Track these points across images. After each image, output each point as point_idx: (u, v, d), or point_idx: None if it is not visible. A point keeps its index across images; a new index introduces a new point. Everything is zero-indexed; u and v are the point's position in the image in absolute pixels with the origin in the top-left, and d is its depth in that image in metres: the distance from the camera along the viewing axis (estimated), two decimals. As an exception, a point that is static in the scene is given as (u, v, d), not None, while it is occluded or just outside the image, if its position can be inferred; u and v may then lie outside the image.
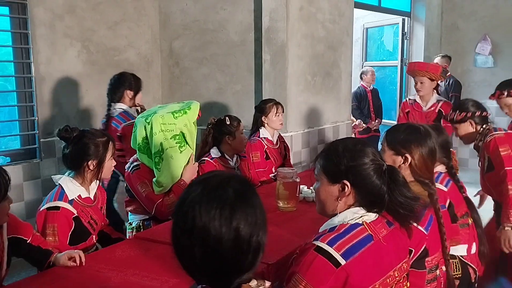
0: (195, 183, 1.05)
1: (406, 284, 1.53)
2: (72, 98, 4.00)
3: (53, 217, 2.07)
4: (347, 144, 1.48)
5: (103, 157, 2.18)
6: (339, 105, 4.95)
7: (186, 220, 0.99)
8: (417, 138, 1.93)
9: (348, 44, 4.97)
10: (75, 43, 3.98)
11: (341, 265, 1.34)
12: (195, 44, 4.61)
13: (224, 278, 1.00)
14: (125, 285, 1.72)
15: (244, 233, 0.99)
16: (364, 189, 1.44)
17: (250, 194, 1.05)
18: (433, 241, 1.86)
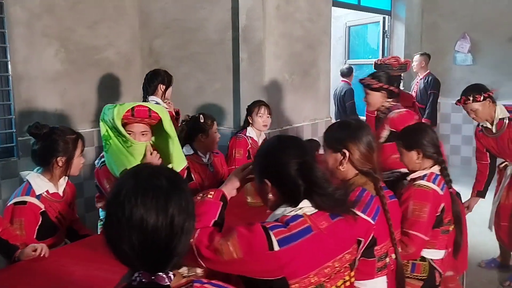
0: (128, 175, 1.10)
1: (349, 274, 1.59)
2: (50, 97, 4.02)
3: (20, 211, 2.12)
4: (272, 145, 1.63)
5: (72, 154, 2.23)
6: (318, 103, 5.02)
7: (123, 212, 1.04)
8: (350, 132, 2.00)
9: (327, 43, 5.03)
10: (54, 42, 4.01)
11: (274, 250, 1.41)
12: (175, 43, 4.66)
13: (160, 263, 1.06)
14: (87, 279, 1.77)
15: (178, 220, 1.06)
16: (283, 187, 1.55)
17: (180, 181, 1.12)
18: (381, 230, 1.93)
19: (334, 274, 1.52)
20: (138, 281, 1.04)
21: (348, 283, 1.59)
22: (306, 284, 1.45)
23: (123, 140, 2.57)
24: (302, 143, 1.63)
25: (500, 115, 3.33)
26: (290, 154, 1.55)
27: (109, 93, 4.49)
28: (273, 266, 1.42)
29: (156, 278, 1.04)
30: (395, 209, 2.10)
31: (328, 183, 1.54)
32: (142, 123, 2.67)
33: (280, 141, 1.65)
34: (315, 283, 1.47)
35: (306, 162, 1.53)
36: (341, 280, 1.55)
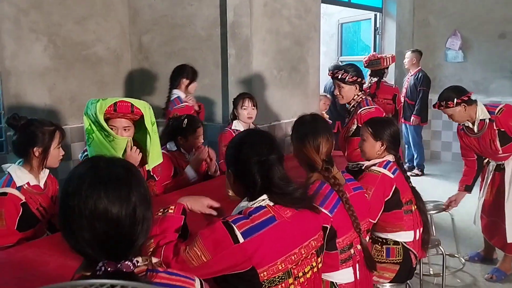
0: (85, 167, 1.11)
1: (316, 260, 1.64)
2: (39, 92, 4.05)
3: (1, 202, 2.16)
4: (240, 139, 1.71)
5: (48, 144, 2.25)
6: (307, 98, 5.05)
7: (86, 205, 1.04)
8: (297, 129, 2.14)
9: (316, 39, 5.06)
10: (42, 38, 4.04)
11: (239, 242, 1.46)
12: (163, 39, 4.69)
13: (122, 252, 1.07)
14: (62, 269, 1.80)
15: (140, 208, 1.08)
16: (243, 181, 1.62)
17: (136, 171, 1.14)
18: (343, 222, 1.97)
19: (301, 261, 1.57)
20: (103, 270, 1.05)
21: (316, 269, 1.64)
22: (274, 271, 1.50)
23: (105, 135, 2.61)
24: (270, 140, 1.67)
25: (481, 116, 3.35)
26: (253, 151, 1.60)
27: (98, 88, 4.52)
28: (241, 258, 1.47)
29: (122, 266, 1.05)
30: (361, 200, 2.14)
31: (287, 183, 1.60)
32: (124, 118, 2.71)
33: (247, 136, 1.72)
34: (283, 270, 1.52)
35: (267, 161, 1.58)
36: (308, 266, 1.60)
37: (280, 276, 1.52)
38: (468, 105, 3.31)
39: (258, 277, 1.48)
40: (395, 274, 2.48)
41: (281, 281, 1.52)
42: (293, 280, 1.55)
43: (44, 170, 2.35)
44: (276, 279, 1.51)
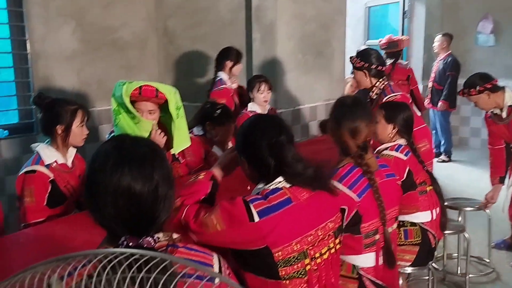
0: (111, 146, 1.15)
1: (333, 241, 1.65)
2: (67, 75, 4.14)
3: (30, 179, 2.24)
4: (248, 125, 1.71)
5: (70, 122, 2.32)
6: (332, 83, 5.01)
7: (111, 180, 1.09)
8: (336, 110, 2.11)
9: (341, 23, 5.00)
10: (70, 21, 4.11)
11: (255, 221, 1.49)
12: (188, 23, 4.71)
13: (144, 228, 1.11)
14: (89, 245, 1.85)
15: (162, 187, 1.12)
16: (257, 166, 1.64)
17: (160, 150, 1.18)
18: (371, 207, 1.97)
19: (318, 242, 1.59)
20: (125, 245, 1.09)
21: (333, 250, 1.65)
22: (289, 252, 1.53)
23: (131, 117, 2.67)
24: (278, 123, 1.69)
25: (509, 102, 3.28)
26: (263, 135, 1.62)
27: (124, 72, 4.58)
28: (255, 236, 1.50)
29: (143, 242, 1.09)
30: (393, 187, 2.13)
31: (298, 162, 1.61)
32: (149, 102, 2.76)
33: (255, 121, 1.73)
34: (298, 250, 1.54)
35: (277, 142, 1.60)
36: (325, 247, 1.62)
37: (296, 256, 1.54)
38: (492, 92, 3.24)
39: (273, 256, 1.51)
40: (416, 256, 2.48)
41: (297, 261, 1.54)
42: (310, 260, 1.56)
43: (71, 149, 2.41)
44: (291, 259, 1.53)
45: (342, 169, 1.99)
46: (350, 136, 2.01)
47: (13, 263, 1.75)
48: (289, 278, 1.53)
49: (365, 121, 2.03)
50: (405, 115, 2.59)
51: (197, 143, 3.09)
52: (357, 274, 2.00)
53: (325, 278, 1.61)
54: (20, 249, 1.87)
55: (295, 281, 1.55)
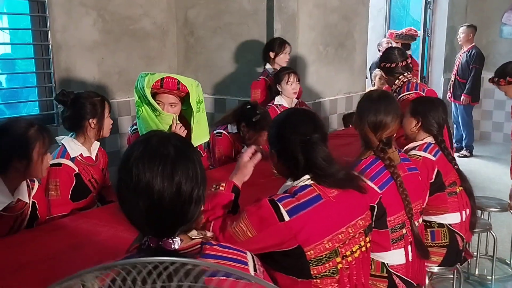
0: (138, 142, 1.12)
1: (364, 240, 1.62)
2: (88, 66, 4.14)
3: (55, 172, 2.23)
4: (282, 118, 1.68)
5: (101, 114, 2.32)
6: (353, 76, 4.93)
7: (130, 177, 1.06)
8: (361, 103, 2.07)
9: (364, 14, 4.91)
10: (91, 12, 4.09)
11: (285, 220, 1.46)
12: (209, 13, 4.66)
13: (167, 229, 1.08)
14: (113, 240, 1.85)
15: (185, 188, 1.07)
16: (286, 161, 1.61)
17: (190, 151, 1.13)
18: (394, 200, 1.93)
19: (349, 240, 1.56)
20: (146, 245, 1.07)
21: (364, 248, 1.62)
22: (321, 250, 1.50)
23: (152, 109, 2.64)
24: (313, 119, 1.63)
25: None
26: (296, 130, 1.58)
27: (145, 63, 4.57)
28: (287, 236, 1.47)
29: (163, 243, 1.06)
30: (415, 181, 2.09)
31: (330, 163, 1.56)
32: (171, 95, 2.73)
33: (290, 115, 1.68)
34: (330, 248, 1.51)
35: (309, 140, 1.55)
36: (356, 245, 1.59)
37: (327, 254, 1.51)
38: None
39: (305, 255, 1.48)
40: (443, 258, 2.42)
41: (329, 259, 1.51)
42: (341, 259, 1.54)
43: (95, 143, 2.40)
44: (323, 258, 1.51)
45: (364, 161, 1.98)
46: (372, 130, 1.98)
47: (37, 256, 1.75)
48: (320, 277, 1.51)
49: (390, 116, 1.99)
50: (433, 111, 2.50)
51: (229, 141, 3.05)
52: (387, 272, 1.96)
53: (356, 277, 1.59)
54: (45, 242, 1.86)
55: (326, 280, 1.52)
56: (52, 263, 1.67)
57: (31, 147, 1.86)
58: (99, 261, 1.66)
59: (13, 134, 1.87)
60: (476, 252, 3.48)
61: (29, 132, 1.88)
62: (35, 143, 1.88)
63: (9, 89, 4.66)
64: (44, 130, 1.95)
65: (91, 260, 1.68)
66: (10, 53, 5.02)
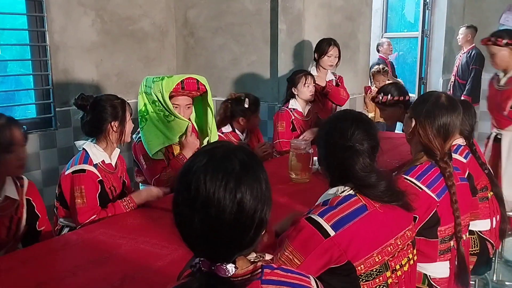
0: (201, 153, 1.00)
1: (412, 252, 1.53)
2: (87, 68, 3.99)
3: (80, 179, 2.10)
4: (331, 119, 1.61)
5: (123, 117, 2.21)
6: (356, 77, 4.85)
7: (189, 189, 0.95)
8: (429, 107, 1.86)
9: (367, 14, 4.84)
10: (89, 12, 3.95)
11: (330, 236, 1.36)
12: (210, 14, 4.54)
13: (222, 252, 0.97)
14: (135, 253, 1.73)
15: (248, 208, 0.95)
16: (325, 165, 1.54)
17: (256, 167, 1.00)
18: (447, 211, 1.82)
19: (398, 252, 1.47)
20: (198, 268, 0.96)
21: (412, 261, 1.53)
22: (371, 264, 1.40)
23: (165, 115, 2.51)
24: (364, 126, 1.48)
25: None
26: (340, 135, 1.47)
27: (143, 64, 4.44)
28: (335, 252, 1.37)
29: (216, 269, 0.95)
30: (465, 192, 1.97)
31: (369, 173, 1.44)
32: (189, 96, 2.61)
33: (339, 119, 1.55)
34: (380, 262, 1.42)
35: (350, 148, 1.44)
36: (405, 258, 1.50)
37: (378, 269, 1.41)
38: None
39: (355, 270, 1.38)
40: (473, 266, 2.31)
41: (379, 274, 1.41)
42: (391, 273, 1.44)
43: (116, 149, 2.29)
44: (373, 273, 1.41)
45: (420, 166, 1.84)
46: (439, 137, 1.83)
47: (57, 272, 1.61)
48: None
49: (459, 124, 1.88)
50: (467, 113, 2.40)
51: (228, 140, 2.97)
52: (428, 284, 1.85)
53: None
54: (63, 256, 1.73)
55: None
56: (74, 280, 1.54)
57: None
58: (123, 277, 1.56)
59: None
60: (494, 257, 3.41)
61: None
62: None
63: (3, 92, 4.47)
64: (14, 124, 1.87)
65: (114, 276, 1.56)
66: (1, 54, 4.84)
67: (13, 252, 1.86)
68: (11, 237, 1.92)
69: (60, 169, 3.82)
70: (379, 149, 1.50)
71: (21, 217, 1.95)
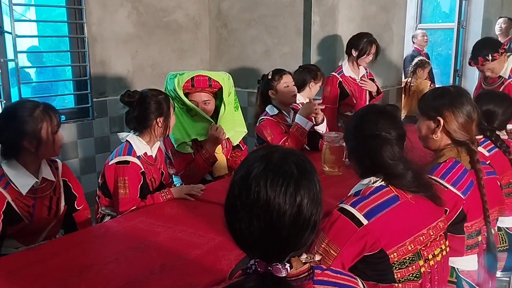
0: (257, 158, 1.02)
1: (444, 243, 1.54)
2: (123, 59, 4.07)
3: (124, 170, 2.17)
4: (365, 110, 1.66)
5: (168, 112, 2.27)
6: (390, 69, 4.79)
7: (249, 194, 0.97)
8: (448, 100, 1.85)
9: (402, 4, 4.76)
10: (126, 4, 4.02)
11: (363, 224, 1.39)
12: (243, 5, 4.55)
13: (279, 253, 0.99)
14: (173, 241, 1.79)
15: (306, 210, 0.98)
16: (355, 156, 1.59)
17: (311, 169, 1.03)
18: (474, 206, 1.81)
19: (430, 242, 1.49)
20: (254, 269, 0.98)
21: (445, 252, 1.55)
22: (404, 252, 1.43)
23: (186, 110, 2.58)
24: (388, 117, 1.53)
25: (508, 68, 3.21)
26: (367, 127, 1.52)
27: (177, 56, 4.50)
28: (369, 240, 1.40)
29: (273, 269, 0.97)
30: (493, 186, 1.95)
31: (397, 163, 1.47)
32: (203, 92, 2.66)
33: (367, 111, 1.62)
34: (412, 250, 1.44)
35: (377, 137, 1.48)
36: (438, 248, 1.52)
37: (410, 257, 1.44)
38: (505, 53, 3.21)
39: (388, 258, 1.41)
40: (505, 262, 2.29)
41: (412, 262, 1.44)
42: (424, 262, 1.46)
43: (157, 142, 2.36)
44: (406, 261, 1.43)
45: (444, 164, 1.82)
46: (468, 124, 1.82)
47: (99, 258, 1.68)
48: (403, 281, 1.44)
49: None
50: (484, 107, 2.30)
51: (273, 122, 2.95)
52: (456, 277, 1.86)
53: (438, 282, 1.51)
54: (105, 243, 1.81)
55: (408, 285, 1.45)
56: (116, 265, 1.60)
57: (38, 127, 1.88)
58: (162, 264, 1.61)
59: (20, 116, 1.88)
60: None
61: (35, 113, 1.89)
62: (42, 122, 1.89)
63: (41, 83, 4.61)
64: (51, 110, 1.95)
65: (154, 263, 1.62)
66: (38, 46, 4.98)
67: (56, 239, 1.94)
68: (52, 216, 2.01)
69: (97, 158, 3.94)
70: (406, 138, 1.54)
71: (60, 197, 2.05)
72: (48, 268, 1.59)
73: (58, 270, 1.58)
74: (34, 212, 1.94)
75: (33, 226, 1.94)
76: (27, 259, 1.65)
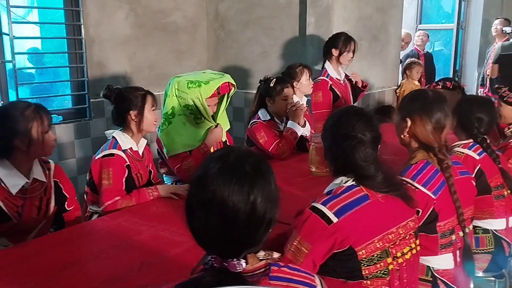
0: (214, 159, 1.07)
1: (414, 242, 1.58)
2: (120, 60, 4.13)
3: (108, 162, 2.23)
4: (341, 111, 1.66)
5: (142, 107, 2.31)
6: (386, 70, 4.82)
7: (204, 193, 1.02)
8: (420, 104, 1.88)
9: (399, 6, 4.78)
10: (124, 6, 4.08)
11: (333, 222, 1.44)
12: (240, 7, 4.60)
13: (234, 250, 1.04)
14: (155, 240, 1.83)
15: (260, 208, 1.02)
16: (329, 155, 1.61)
17: (266, 170, 1.08)
18: (445, 206, 1.84)
19: (399, 241, 1.53)
20: (210, 265, 1.03)
21: (415, 251, 1.59)
22: (372, 250, 1.47)
23: (196, 117, 2.59)
24: (364, 119, 1.56)
25: None
26: (341, 127, 1.55)
27: (175, 57, 4.55)
28: (338, 237, 1.44)
29: (228, 265, 1.02)
30: (467, 186, 1.98)
31: (369, 164, 1.51)
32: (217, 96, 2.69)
33: (343, 112, 1.63)
34: (381, 248, 1.48)
35: (351, 138, 1.51)
36: (407, 247, 1.56)
37: (379, 254, 1.48)
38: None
39: (357, 255, 1.45)
40: (488, 264, 2.32)
41: (380, 260, 1.48)
42: (392, 260, 1.50)
43: (142, 140, 2.41)
44: (374, 258, 1.47)
45: (415, 166, 1.86)
46: (437, 132, 1.86)
47: (81, 256, 1.73)
48: (371, 278, 1.48)
49: (450, 116, 1.89)
50: (472, 113, 2.36)
51: (265, 125, 3.01)
52: (431, 276, 1.89)
53: (407, 280, 1.55)
54: (88, 241, 1.85)
55: (377, 282, 1.48)
56: (97, 262, 1.65)
57: (29, 126, 1.92)
58: (141, 262, 1.66)
59: (11, 115, 1.93)
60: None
61: (26, 112, 1.94)
62: (33, 122, 1.93)
63: (40, 83, 4.68)
64: (42, 110, 2.00)
65: (134, 260, 1.66)
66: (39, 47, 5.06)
67: (42, 236, 1.99)
68: (41, 216, 2.06)
69: (94, 158, 4.00)
70: (381, 140, 1.57)
71: (50, 198, 2.10)
72: (31, 265, 1.64)
73: (42, 267, 1.63)
74: (23, 212, 1.99)
75: (22, 225, 1.99)
76: (11, 256, 1.70)
